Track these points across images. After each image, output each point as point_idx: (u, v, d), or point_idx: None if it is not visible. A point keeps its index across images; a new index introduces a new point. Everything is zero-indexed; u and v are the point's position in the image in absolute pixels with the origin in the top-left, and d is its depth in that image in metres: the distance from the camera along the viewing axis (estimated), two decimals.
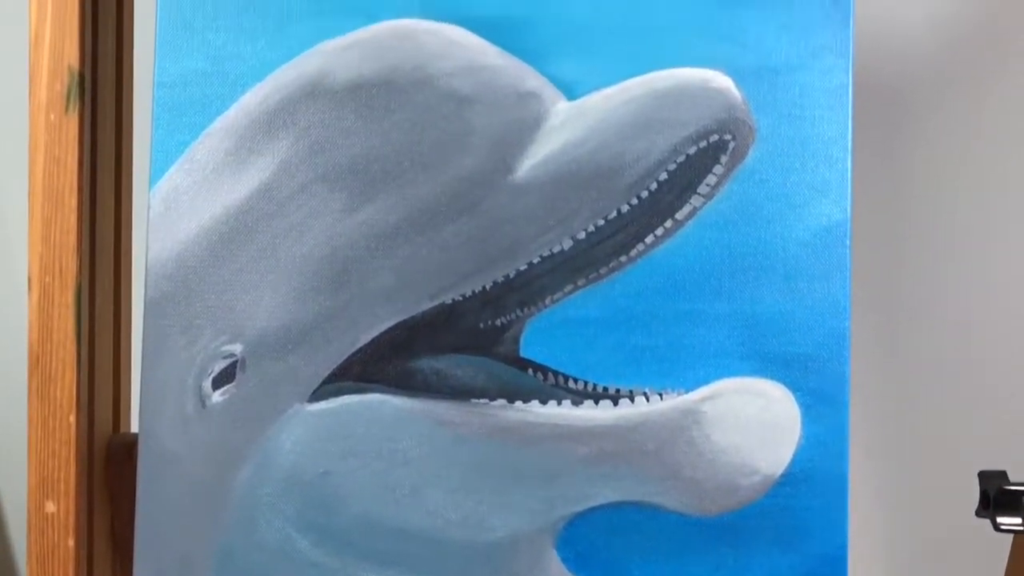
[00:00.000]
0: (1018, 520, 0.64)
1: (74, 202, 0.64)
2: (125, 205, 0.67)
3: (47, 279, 0.64)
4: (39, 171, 0.64)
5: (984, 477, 0.66)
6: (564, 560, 0.56)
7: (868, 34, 0.92)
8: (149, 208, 0.58)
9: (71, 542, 0.63)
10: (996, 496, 0.64)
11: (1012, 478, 0.66)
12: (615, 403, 0.56)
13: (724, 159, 0.56)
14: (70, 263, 0.64)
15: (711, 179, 0.56)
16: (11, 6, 0.88)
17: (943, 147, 0.93)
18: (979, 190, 0.93)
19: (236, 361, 0.57)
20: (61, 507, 0.63)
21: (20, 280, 0.99)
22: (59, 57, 0.63)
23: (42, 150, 0.64)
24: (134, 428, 0.63)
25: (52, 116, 0.64)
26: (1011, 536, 0.75)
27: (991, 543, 0.76)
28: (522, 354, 0.56)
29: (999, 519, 0.64)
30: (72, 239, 0.64)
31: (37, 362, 0.63)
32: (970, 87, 0.93)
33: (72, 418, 0.63)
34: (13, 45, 0.74)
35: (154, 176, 0.57)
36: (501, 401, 0.56)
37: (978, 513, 0.66)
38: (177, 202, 0.57)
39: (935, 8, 0.92)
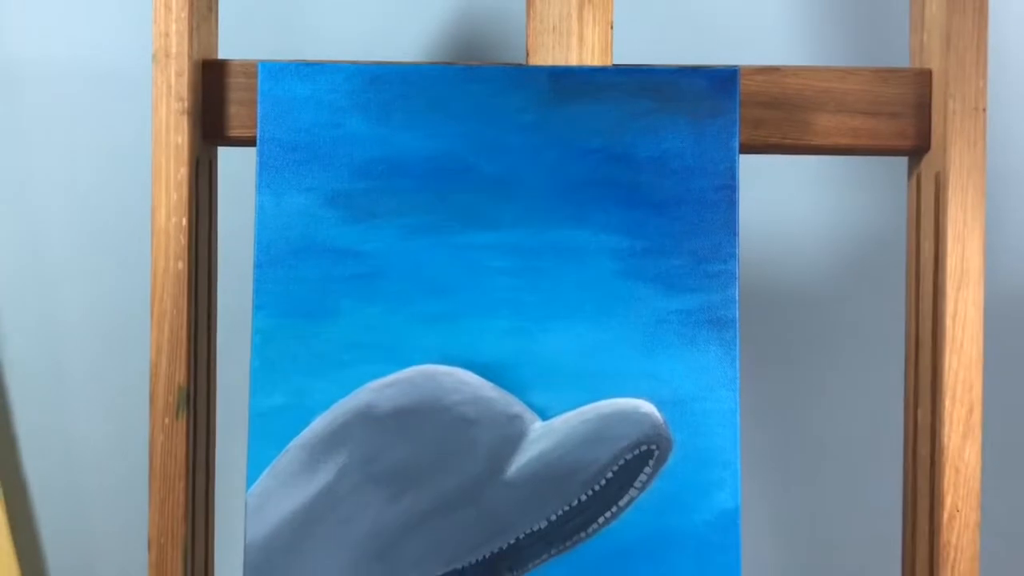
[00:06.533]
0: None
1: (182, 484, 0.87)
2: (210, 488, 0.91)
3: (162, 540, 0.87)
4: (157, 462, 0.87)
5: None
6: None
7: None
8: (247, 505, 0.81)
9: None
10: None
11: None
12: None
13: (651, 463, 0.80)
14: (179, 529, 0.87)
15: (643, 477, 0.80)
16: None
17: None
18: None
19: None
20: None
21: None
22: (172, 378, 0.88)
23: (159, 449, 0.87)
24: None
25: (167, 420, 0.87)
26: None
27: None
28: None
29: None
30: (181, 511, 0.87)
31: None
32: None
33: None
34: None
35: (250, 481, 0.81)
36: None
37: None
38: (267, 500, 0.81)
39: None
